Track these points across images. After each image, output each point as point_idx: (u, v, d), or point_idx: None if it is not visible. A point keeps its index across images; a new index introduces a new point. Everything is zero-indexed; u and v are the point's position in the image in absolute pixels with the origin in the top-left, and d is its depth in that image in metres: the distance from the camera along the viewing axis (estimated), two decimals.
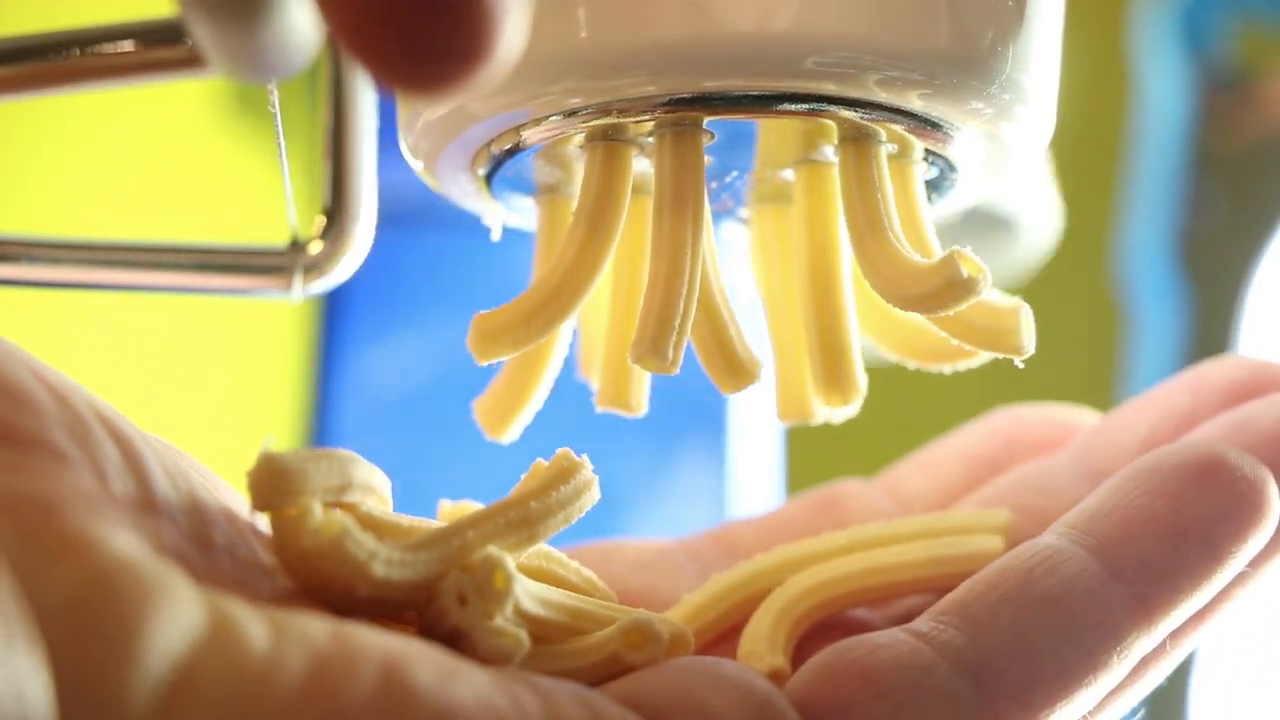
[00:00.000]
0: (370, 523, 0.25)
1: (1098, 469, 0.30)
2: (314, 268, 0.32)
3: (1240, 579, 0.26)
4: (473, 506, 0.29)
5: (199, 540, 0.23)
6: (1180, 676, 0.68)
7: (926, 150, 0.28)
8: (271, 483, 0.24)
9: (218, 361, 0.60)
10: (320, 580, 0.23)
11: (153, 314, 0.56)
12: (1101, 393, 0.78)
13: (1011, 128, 0.28)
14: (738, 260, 0.33)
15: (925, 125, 0.27)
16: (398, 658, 0.22)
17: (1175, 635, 0.26)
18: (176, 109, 0.58)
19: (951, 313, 0.26)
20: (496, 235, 0.32)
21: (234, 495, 0.25)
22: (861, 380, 0.29)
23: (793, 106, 0.26)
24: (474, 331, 0.28)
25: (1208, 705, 0.69)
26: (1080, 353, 0.83)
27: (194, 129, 0.58)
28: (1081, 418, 0.33)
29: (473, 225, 0.32)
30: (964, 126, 0.28)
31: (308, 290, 0.31)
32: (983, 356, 0.29)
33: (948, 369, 0.30)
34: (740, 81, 0.26)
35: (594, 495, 0.26)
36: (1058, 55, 0.29)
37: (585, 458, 0.26)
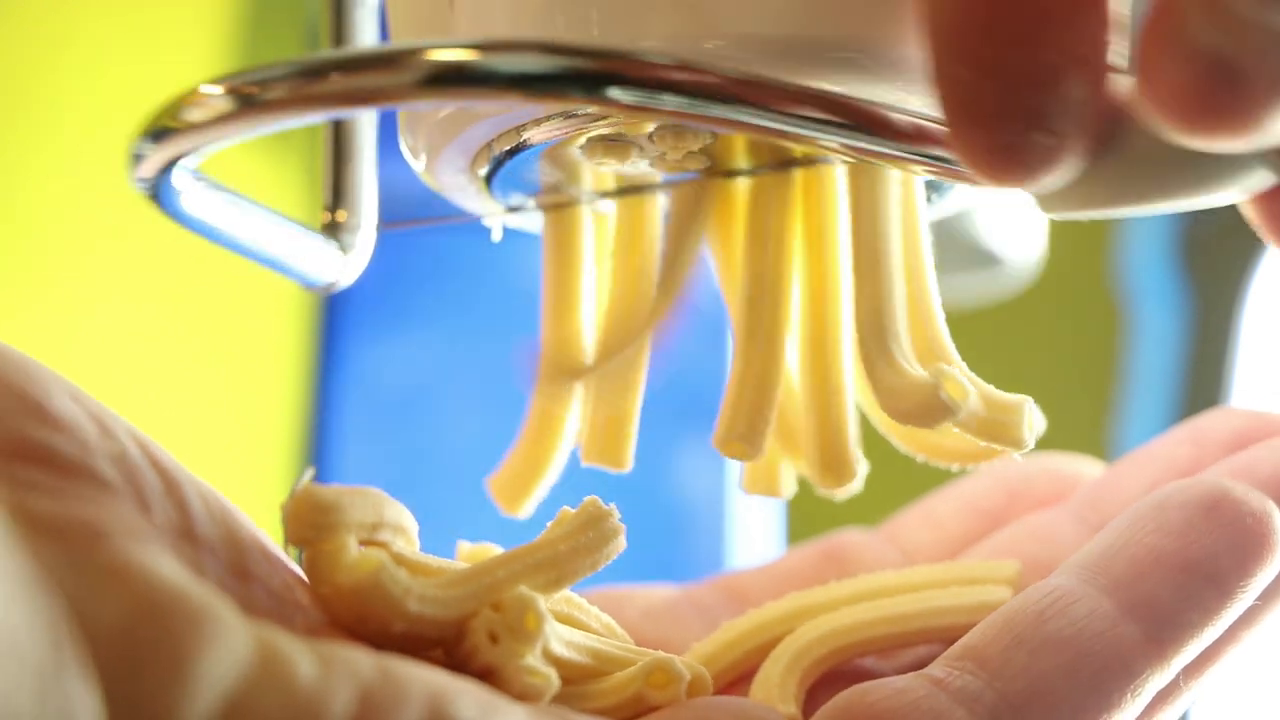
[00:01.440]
0: (402, 561, 0.25)
1: (1100, 521, 0.30)
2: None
3: (1251, 613, 0.27)
4: (493, 549, 0.29)
5: (238, 571, 0.23)
6: None
7: None
8: (309, 516, 0.24)
9: (218, 361, 0.60)
10: (355, 615, 0.24)
11: (152, 313, 0.56)
12: (1101, 393, 0.78)
13: None
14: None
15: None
16: (441, 691, 0.22)
17: (1188, 671, 0.26)
18: None
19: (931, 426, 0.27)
20: (497, 236, 0.32)
21: (257, 529, 0.25)
22: (858, 462, 0.29)
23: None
24: (495, 491, 0.29)
25: (1207, 706, 0.69)
26: (1080, 353, 0.83)
27: None
28: (1084, 469, 0.33)
29: (473, 225, 0.32)
30: None
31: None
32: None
33: (954, 467, 0.30)
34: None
35: (620, 544, 0.26)
36: None
37: (613, 506, 0.26)
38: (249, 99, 0.24)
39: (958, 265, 0.61)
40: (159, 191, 0.27)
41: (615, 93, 0.23)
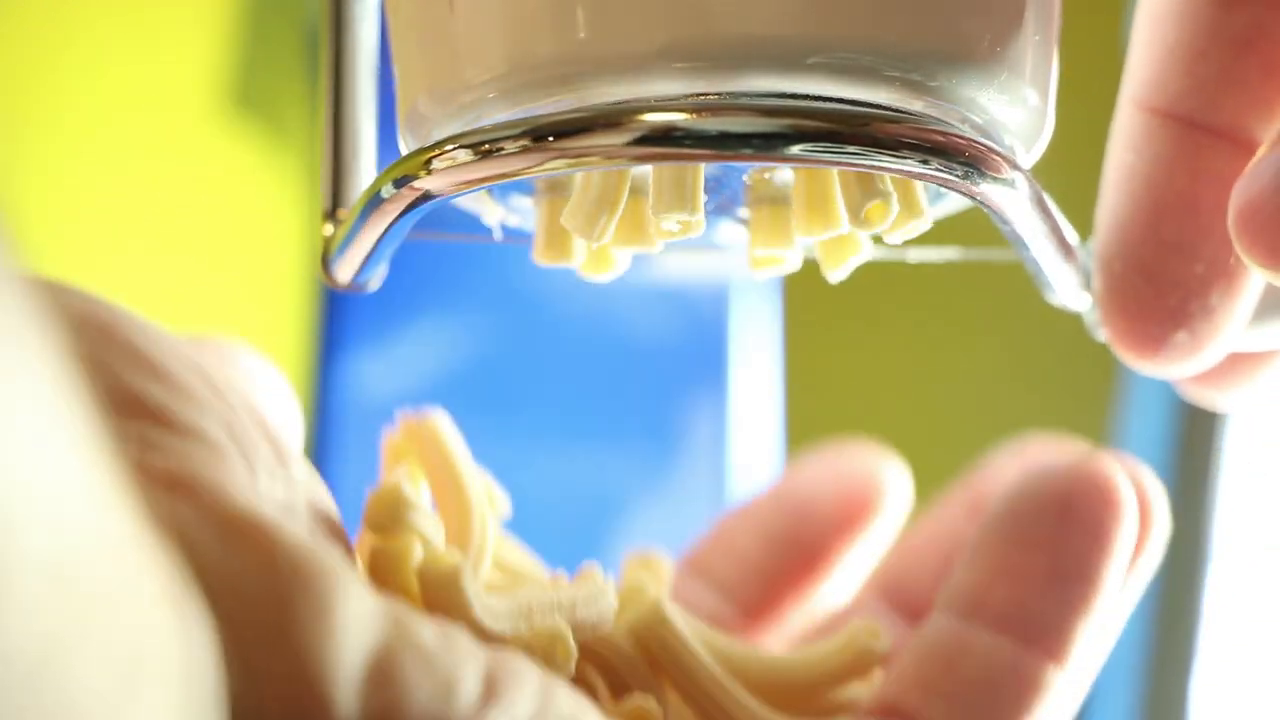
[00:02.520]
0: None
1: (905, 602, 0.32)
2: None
3: (1134, 565, 0.28)
4: (659, 563, 0.31)
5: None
6: (1180, 676, 0.68)
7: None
8: (390, 510, 0.24)
9: None
10: (428, 607, 0.24)
11: (151, 309, 0.56)
12: (1101, 393, 0.79)
13: (1011, 129, 0.28)
14: (737, 260, 0.33)
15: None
16: (548, 682, 0.22)
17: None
18: (176, 109, 0.58)
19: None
20: (497, 236, 0.32)
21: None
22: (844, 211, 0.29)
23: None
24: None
25: (1208, 705, 0.69)
26: (1080, 353, 0.83)
27: (194, 129, 0.58)
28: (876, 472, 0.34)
29: (473, 226, 0.32)
30: (963, 128, 0.28)
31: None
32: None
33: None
34: (742, 83, 0.26)
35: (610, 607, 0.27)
36: (1056, 57, 0.29)
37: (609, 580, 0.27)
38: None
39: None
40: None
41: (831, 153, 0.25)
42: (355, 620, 0.20)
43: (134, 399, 0.21)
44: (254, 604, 0.19)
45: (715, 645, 0.28)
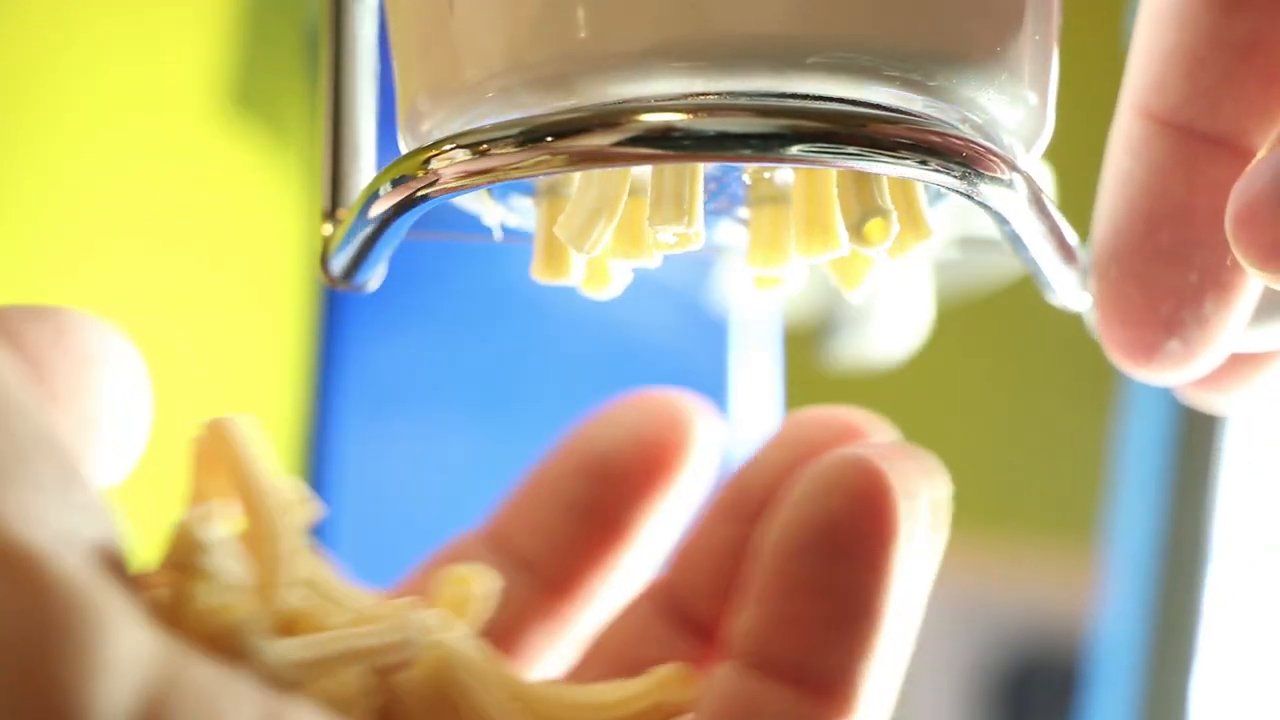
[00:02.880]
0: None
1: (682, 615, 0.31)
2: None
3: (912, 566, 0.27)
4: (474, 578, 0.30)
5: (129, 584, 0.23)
6: (1180, 676, 0.68)
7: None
8: (182, 552, 0.24)
9: (217, 359, 0.60)
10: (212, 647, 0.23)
11: (151, 311, 0.56)
12: (1101, 393, 0.79)
13: (1010, 129, 0.28)
14: (736, 261, 0.33)
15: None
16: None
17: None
18: (176, 109, 0.58)
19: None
20: (497, 236, 0.32)
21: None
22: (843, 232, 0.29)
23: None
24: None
25: (1208, 705, 0.69)
26: (1080, 353, 0.83)
27: (194, 129, 0.58)
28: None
29: (473, 226, 0.32)
30: (963, 129, 0.28)
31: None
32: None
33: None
34: (740, 83, 0.26)
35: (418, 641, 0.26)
36: (1057, 57, 0.29)
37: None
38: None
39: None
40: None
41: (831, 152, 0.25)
42: (122, 661, 0.19)
43: None
44: (12, 639, 0.19)
45: (515, 687, 0.28)
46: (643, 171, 0.28)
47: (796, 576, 0.26)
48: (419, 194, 0.27)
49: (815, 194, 0.28)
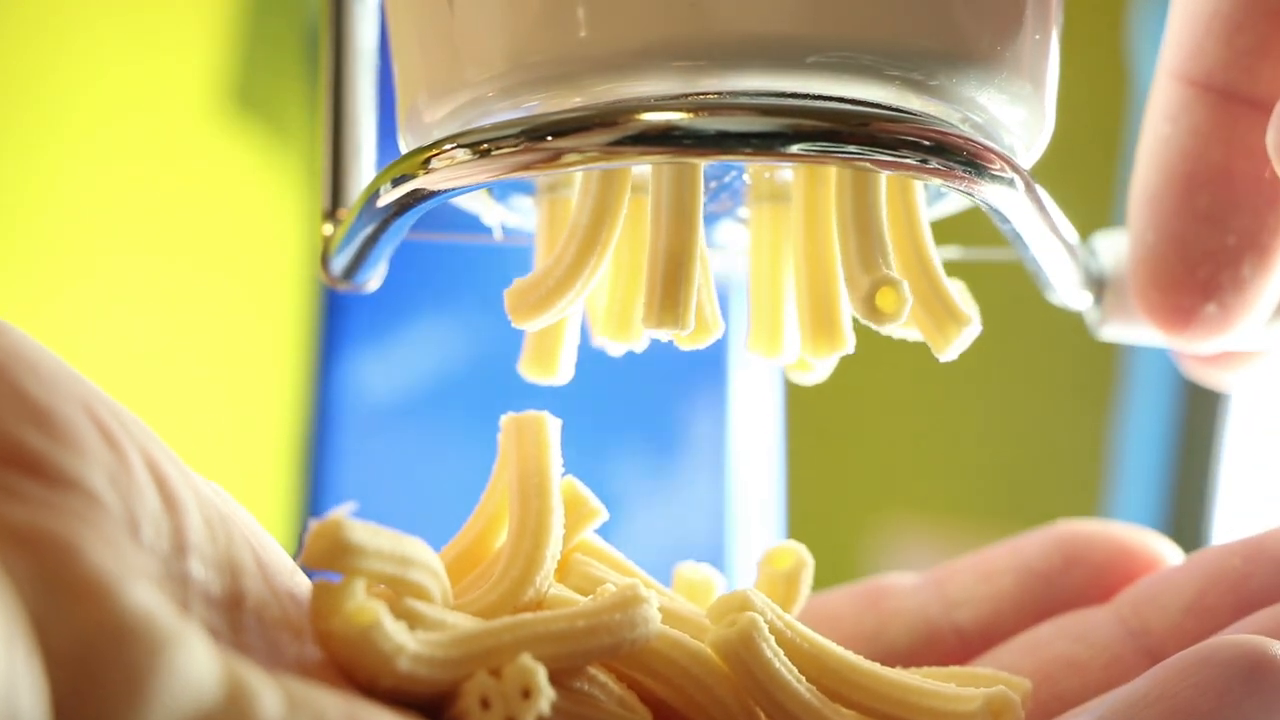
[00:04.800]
0: (410, 615, 0.24)
1: (1141, 625, 0.30)
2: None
3: None
4: (711, 580, 0.30)
5: (228, 597, 0.23)
6: None
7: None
8: (328, 550, 0.23)
9: (215, 366, 0.60)
10: (346, 663, 0.23)
11: (151, 317, 0.56)
12: (1101, 393, 0.79)
13: (1010, 129, 0.28)
14: (736, 258, 0.33)
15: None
16: None
17: None
18: (176, 109, 0.58)
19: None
20: (498, 236, 0.32)
21: (279, 553, 0.25)
22: (849, 330, 0.28)
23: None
24: (509, 299, 0.29)
25: None
26: (1080, 353, 0.83)
27: (194, 129, 0.58)
28: (1146, 543, 0.32)
29: (473, 226, 0.32)
30: (963, 128, 0.28)
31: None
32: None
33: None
34: (740, 82, 0.26)
35: (650, 630, 0.25)
36: (1057, 56, 0.29)
37: (652, 595, 0.26)
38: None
39: None
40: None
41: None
42: (172, 695, 0.20)
43: (12, 448, 0.21)
44: (76, 670, 0.19)
45: (832, 665, 0.26)
46: (641, 166, 0.28)
47: (1209, 678, 0.25)
48: (419, 194, 0.27)
49: (819, 284, 0.28)
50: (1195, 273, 0.29)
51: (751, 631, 0.26)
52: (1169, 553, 0.32)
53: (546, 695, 0.23)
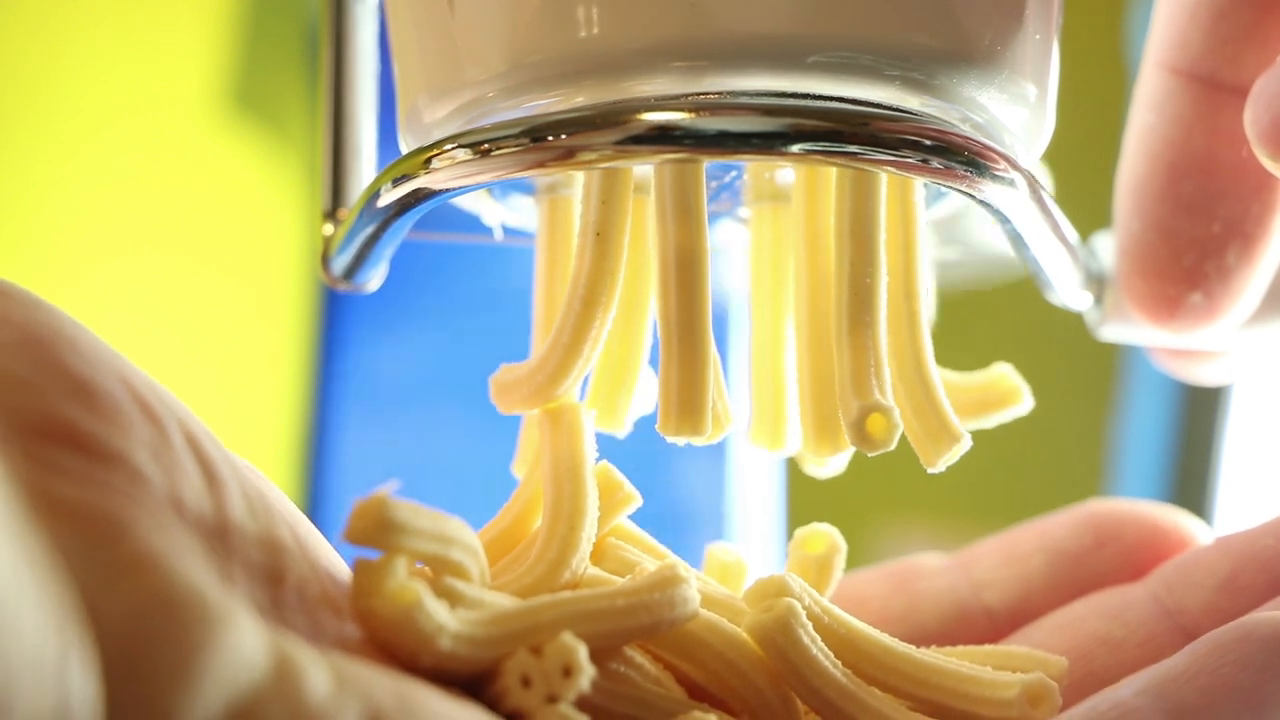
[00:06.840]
0: (451, 594, 0.24)
1: (1175, 604, 0.30)
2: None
3: None
4: (742, 555, 0.30)
5: (270, 573, 0.23)
6: None
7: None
8: (371, 527, 0.23)
9: (217, 359, 0.60)
10: (387, 641, 0.23)
11: (152, 311, 0.56)
12: (1101, 392, 0.79)
13: (1011, 128, 0.28)
14: (735, 260, 0.33)
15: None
16: None
17: None
18: (176, 109, 0.58)
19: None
20: (497, 236, 0.32)
21: (314, 531, 0.25)
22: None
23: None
24: (494, 386, 0.29)
25: None
26: (1080, 353, 0.83)
27: (194, 129, 0.58)
28: (1177, 522, 0.32)
29: (473, 225, 0.32)
30: (963, 128, 0.28)
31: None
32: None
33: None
34: (741, 82, 0.26)
35: (689, 610, 0.25)
36: (1057, 56, 0.29)
37: (692, 575, 0.26)
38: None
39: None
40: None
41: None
42: (222, 668, 0.20)
43: (57, 423, 0.21)
44: (123, 648, 0.19)
45: (862, 648, 0.26)
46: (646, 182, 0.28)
47: (1249, 654, 0.25)
48: (420, 194, 0.27)
49: (820, 383, 0.28)
50: (1180, 261, 0.29)
51: (789, 618, 0.26)
52: (1200, 532, 0.32)
53: (587, 673, 0.23)
